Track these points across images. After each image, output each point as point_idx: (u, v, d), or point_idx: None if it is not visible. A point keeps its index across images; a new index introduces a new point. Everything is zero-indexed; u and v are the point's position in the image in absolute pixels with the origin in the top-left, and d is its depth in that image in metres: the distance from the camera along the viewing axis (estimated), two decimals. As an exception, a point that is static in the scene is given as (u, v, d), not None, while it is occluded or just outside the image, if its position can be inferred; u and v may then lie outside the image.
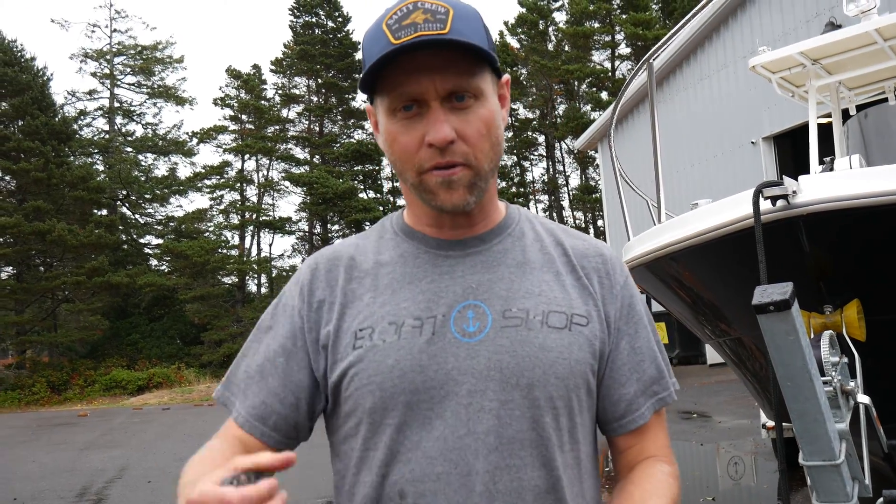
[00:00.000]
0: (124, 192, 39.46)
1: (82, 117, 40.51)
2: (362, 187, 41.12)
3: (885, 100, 6.36)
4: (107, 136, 40.87)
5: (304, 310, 1.26)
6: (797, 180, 3.21)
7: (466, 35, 1.12)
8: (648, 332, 1.32)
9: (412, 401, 1.15)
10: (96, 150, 40.19)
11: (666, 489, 1.23)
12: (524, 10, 39.55)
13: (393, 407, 1.16)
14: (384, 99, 1.17)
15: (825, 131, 6.37)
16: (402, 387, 1.15)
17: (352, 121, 43.13)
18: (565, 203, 41.68)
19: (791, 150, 16.75)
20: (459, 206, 1.18)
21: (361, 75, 1.17)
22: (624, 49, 38.44)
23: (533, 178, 43.08)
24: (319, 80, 41.87)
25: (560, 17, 39.90)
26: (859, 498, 2.55)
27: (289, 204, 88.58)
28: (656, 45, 4.69)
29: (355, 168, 41.23)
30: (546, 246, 1.31)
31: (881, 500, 2.55)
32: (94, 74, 40.89)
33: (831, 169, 4.81)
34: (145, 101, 42.19)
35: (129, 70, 41.39)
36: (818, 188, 3.20)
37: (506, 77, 1.26)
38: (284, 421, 1.24)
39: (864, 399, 2.76)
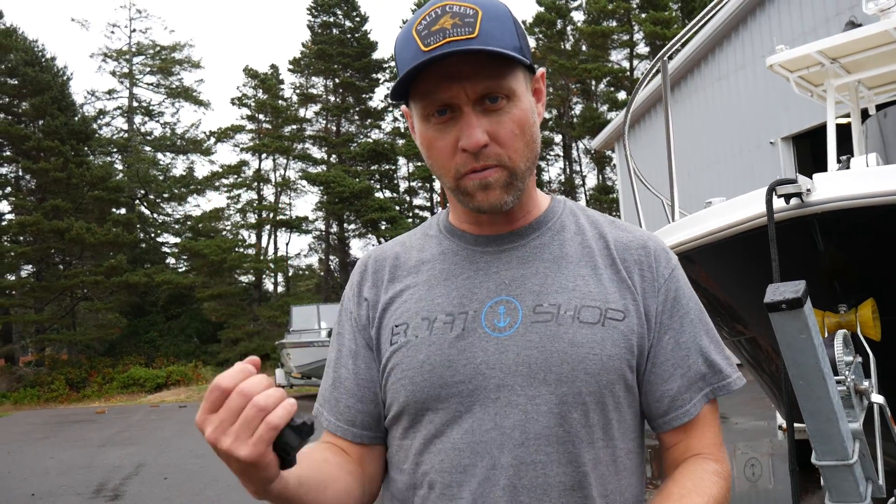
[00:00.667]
0: (142, 191, 39.76)
1: (101, 117, 40.89)
2: (378, 186, 41.20)
3: (905, 99, 6.29)
4: (125, 135, 41.21)
5: (357, 311, 1.32)
6: (812, 178, 3.18)
7: (496, 37, 1.12)
8: (696, 326, 1.27)
9: (442, 395, 1.18)
10: (115, 150, 40.52)
11: (708, 486, 1.19)
12: (542, 9, 39.47)
13: (424, 400, 1.19)
14: (417, 104, 1.19)
15: (844, 131, 6.32)
16: (432, 381, 1.19)
17: (368, 120, 43.22)
18: (582, 203, 41.48)
19: (810, 151, 16.60)
20: (497, 207, 1.19)
21: (394, 82, 1.18)
22: (642, 49, 38.27)
23: (550, 178, 42.96)
24: (337, 80, 41.99)
25: (578, 17, 39.80)
26: (873, 498, 2.53)
27: (305, 203, 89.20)
28: (671, 42, 4.67)
29: (372, 167, 41.32)
30: (587, 239, 1.29)
31: (893, 499, 2.52)
32: (113, 73, 41.30)
33: (848, 167, 4.77)
34: (164, 101, 42.54)
35: (147, 70, 41.74)
36: (832, 186, 3.17)
37: (541, 71, 1.25)
38: (370, 417, 1.28)
39: (878, 399, 2.73)
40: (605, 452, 1.19)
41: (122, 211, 37.50)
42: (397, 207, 38.96)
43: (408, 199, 41.71)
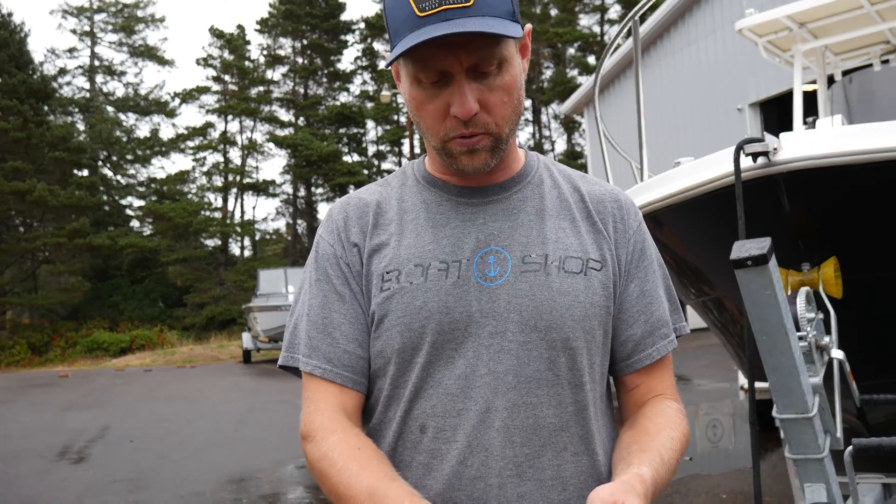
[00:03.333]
0: (105, 153, 39.09)
1: (62, 75, 40.01)
2: (347, 150, 40.91)
3: (871, 65, 6.35)
4: (87, 94, 40.36)
5: (345, 254, 1.29)
6: (779, 138, 3.21)
7: (490, 2, 1.12)
8: (657, 276, 1.37)
9: (438, 341, 1.21)
10: (77, 110, 39.74)
11: (677, 422, 1.30)
12: (512, -28, 39.07)
13: (420, 346, 1.21)
14: (408, 66, 1.19)
15: (810, 99, 6.37)
16: (430, 327, 1.21)
17: (337, 83, 42.77)
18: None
19: (776, 117, 16.76)
20: (480, 170, 1.23)
21: (391, 49, 1.18)
22: (613, 14, 38.18)
23: (519, 143, 42.85)
24: (305, 41, 41.43)
25: (548, -19, 39.50)
26: (831, 450, 2.59)
27: (273, 166, 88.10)
28: (642, 2, 4.65)
29: (340, 131, 40.98)
30: (563, 192, 1.35)
31: (850, 448, 2.59)
32: (73, 31, 40.35)
33: (813, 128, 4.82)
34: (126, 60, 41.66)
35: (110, 28, 40.82)
36: (799, 145, 3.20)
37: (528, 27, 1.26)
38: (366, 364, 1.28)
39: (838, 354, 2.79)
40: (588, 395, 1.27)
41: (85, 173, 36.87)
42: (366, 171, 38.74)
43: (376, 162, 41.48)
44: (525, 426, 1.20)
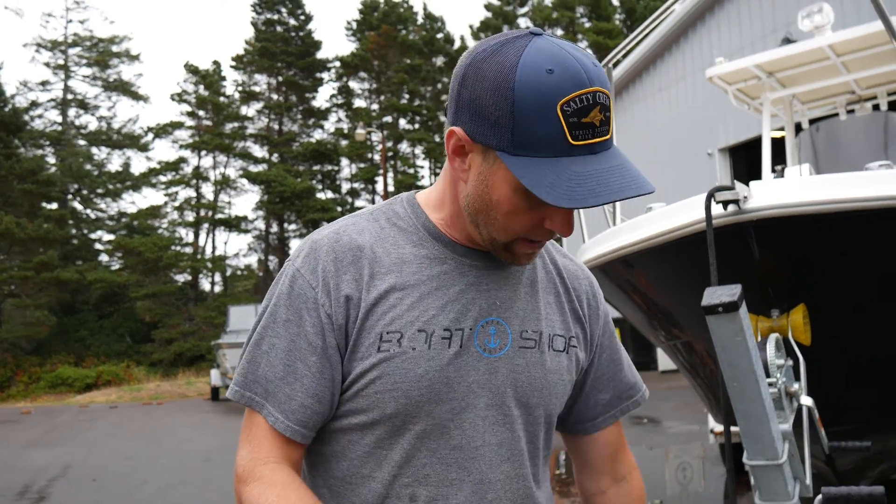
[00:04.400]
0: (76, 186, 38.70)
1: (34, 108, 39.62)
2: (321, 187, 40.90)
3: (837, 115, 6.51)
4: (59, 128, 40.04)
5: (331, 305, 1.20)
6: (748, 186, 3.27)
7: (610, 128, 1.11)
8: (619, 344, 1.47)
9: (434, 411, 1.20)
10: (48, 143, 39.33)
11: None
12: (490, 14, 39.75)
13: (415, 414, 1.19)
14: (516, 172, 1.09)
15: (778, 145, 6.51)
16: (429, 397, 1.19)
17: (311, 120, 42.90)
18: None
19: (745, 162, 17.06)
20: (522, 265, 1.26)
21: (507, 132, 1.07)
22: (585, 58, 38.77)
23: (492, 183, 43.18)
24: (280, 78, 41.59)
25: (524, 23, 40.16)
26: (800, 497, 2.60)
27: (245, 202, 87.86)
28: (616, 50, 4.75)
29: (314, 168, 41.00)
30: (546, 263, 1.37)
31: (819, 497, 2.60)
32: (47, 65, 40.07)
33: (782, 177, 4.92)
34: (100, 94, 41.43)
35: (84, 62, 40.63)
36: (768, 194, 3.26)
37: None
38: (321, 418, 1.24)
39: (807, 401, 2.82)
40: (547, 463, 1.36)
41: (54, 206, 36.44)
42: (339, 208, 38.71)
43: (350, 199, 41.49)
44: (516, 497, 1.24)
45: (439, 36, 41.85)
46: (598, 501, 1.46)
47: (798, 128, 6.79)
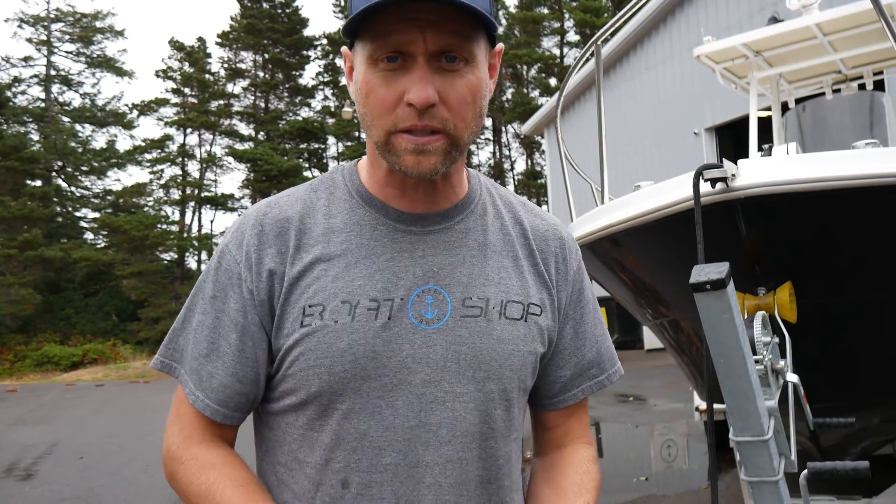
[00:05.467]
0: (60, 164, 38.35)
1: (16, 84, 39.12)
2: (307, 165, 40.74)
3: (823, 94, 6.53)
4: (42, 104, 39.59)
5: (253, 281, 1.15)
6: (736, 164, 3.28)
7: None
8: (593, 318, 1.32)
9: (362, 388, 1.11)
10: (31, 119, 38.87)
11: (591, 478, 1.28)
12: (475, -7, 39.45)
13: (341, 392, 1.11)
14: (366, 45, 1.06)
15: (765, 124, 6.52)
16: (354, 372, 1.10)
17: (298, 98, 42.63)
18: (511, 187, 41.94)
19: (732, 142, 17.11)
20: (426, 175, 1.09)
21: (346, 18, 1.07)
22: (573, 37, 38.70)
23: (479, 161, 43.17)
24: (266, 56, 41.26)
25: (510, 1, 39.96)
26: (785, 473, 2.63)
27: (231, 180, 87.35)
28: (604, 27, 4.73)
29: (301, 146, 40.81)
30: (506, 224, 1.26)
31: (805, 472, 2.63)
32: (29, 40, 39.53)
33: (769, 155, 4.93)
34: (84, 71, 40.96)
35: (67, 38, 40.10)
36: (756, 172, 3.27)
37: (499, 46, 1.16)
38: (246, 398, 1.18)
39: (792, 378, 2.84)
40: (514, 444, 1.23)
41: (38, 183, 36.11)
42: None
43: (336, 179, 41.36)
44: (457, 482, 1.14)
45: (426, 13, 41.56)
46: (536, 467, 1.34)
47: (784, 107, 6.81)
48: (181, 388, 1.20)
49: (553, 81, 37.80)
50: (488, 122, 41.76)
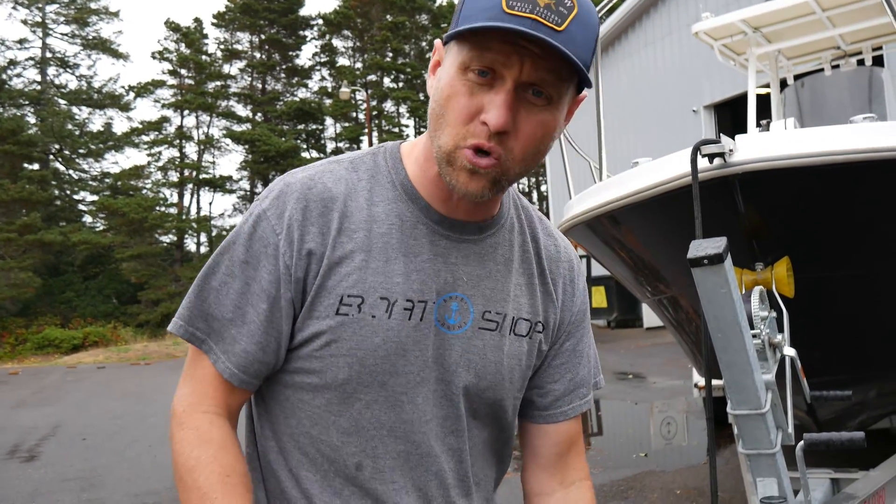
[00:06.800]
0: (57, 147, 38.23)
1: (12, 67, 38.92)
2: (305, 146, 40.65)
3: (822, 70, 6.51)
4: (38, 87, 39.42)
5: (292, 257, 1.15)
6: (734, 139, 3.28)
7: (577, 43, 1.03)
8: (590, 338, 1.40)
9: (388, 382, 1.16)
10: (27, 102, 38.70)
11: None
12: (472, -29, 39.21)
13: (368, 383, 1.16)
14: (463, 50, 1.07)
15: (764, 102, 6.51)
16: (384, 367, 1.15)
17: (295, 78, 42.45)
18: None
19: (731, 119, 17.07)
20: (472, 196, 1.11)
21: (455, 19, 1.09)
22: (570, 15, 38.51)
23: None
24: (262, 36, 41.05)
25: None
26: (782, 445, 2.66)
27: (229, 162, 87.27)
28: (601, 5, 4.72)
29: (298, 127, 40.71)
30: (526, 241, 1.31)
31: (801, 443, 2.66)
32: (24, 22, 39.29)
33: (767, 131, 4.93)
34: (79, 53, 40.73)
35: (62, 19, 39.85)
36: (754, 147, 3.28)
37: (583, 94, 1.17)
38: (265, 367, 1.19)
39: (790, 352, 2.86)
40: (507, 449, 1.34)
41: (36, 167, 36.03)
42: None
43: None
44: (458, 472, 1.24)
45: (423, -8, 41.31)
46: (540, 503, 1.38)
47: (783, 84, 6.80)
48: (197, 351, 1.20)
49: (551, 60, 37.66)
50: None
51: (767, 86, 6.87)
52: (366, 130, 37.10)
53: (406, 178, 1.22)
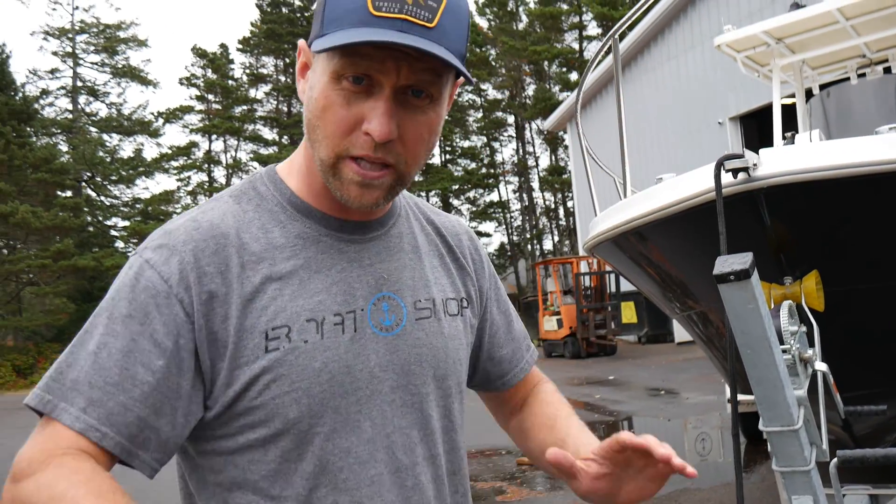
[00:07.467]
0: (89, 174, 38.85)
1: (44, 96, 39.74)
2: (331, 168, 40.93)
3: (848, 79, 6.45)
4: (70, 115, 40.17)
5: (192, 303, 1.03)
6: (758, 154, 3.26)
7: (451, 36, 1.00)
8: (506, 296, 1.43)
9: (341, 405, 1.07)
10: (59, 131, 39.47)
11: (561, 399, 1.39)
12: (493, -11, 39.42)
13: (321, 413, 1.06)
14: (334, 57, 1.01)
15: (789, 112, 6.46)
16: (332, 391, 1.06)
17: (320, 101, 42.83)
18: (535, 184, 41.82)
19: (757, 130, 16.94)
20: (366, 207, 1.08)
21: (319, 22, 1.02)
22: (592, 30, 38.53)
23: (503, 158, 43.12)
24: (287, 60, 41.51)
25: (529, -2, 39.86)
26: (817, 462, 2.62)
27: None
28: (621, 20, 4.72)
29: (324, 149, 41.01)
30: (424, 225, 1.29)
31: (835, 460, 2.61)
32: (55, 53, 40.09)
33: (792, 143, 4.89)
34: (109, 81, 41.49)
35: (92, 48, 40.63)
36: (778, 161, 3.25)
37: (459, 80, 1.12)
38: (155, 436, 1.01)
39: (821, 367, 2.82)
40: (463, 432, 1.27)
41: (68, 194, 36.64)
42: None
43: (361, 180, 41.59)
44: (433, 479, 1.16)
45: (446, 12, 41.55)
46: (516, 423, 1.40)
47: (809, 94, 6.74)
48: (55, 424, 0.99)
49: (574, 76, 37.64)
50: (511, 120, 41.68)
51: (793, 96, 6.82)
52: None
53: (293, 195, 1.15)
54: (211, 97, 40.52)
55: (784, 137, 5.59)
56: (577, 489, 1.13)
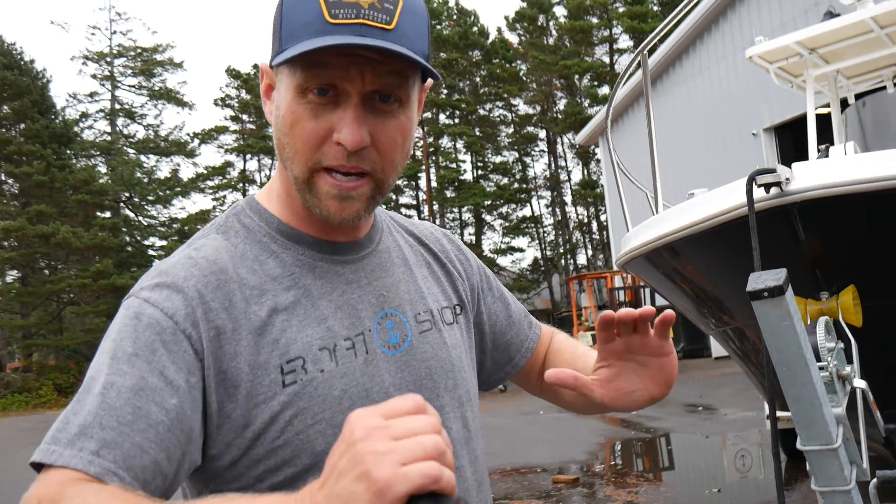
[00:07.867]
0: (127, 195, 39.55)
1: (83, 119, 40.62)
2: (364, 185, 41.17)
3: (884, 88, 6.35)
4: (108, 137, 40.95)
5: (200, 338, 0.97)
6: (791, 168, 3.22)
7: (410, 36, 0.99)
8: (497, 280, 1.42)
9: None
10: (98, 153, 40.28)
11: (583, 346, 1.41)
12: (524, 4, 39.53)
13: None
14: (296, 72, 0.99)
15: (824, 121, 6.38)
16: None
17: (353, 119, 43.18)
18: (567, 198, 41.68)
19: (792, 141, 16.74)
20: (348, 222, 1.06)
21: (277, 40, 1.01)
22: (622, 44, 38.44)
23: (535, 173, 43.06)
24: (320, 80, 42.01)
25: (559, 12, 39.90)
26: (858, 482, 2.56)
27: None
28: (650, 36, 4.70)
29: (357, 166, 41.29)
30: (405, 236, 1.28)
31: (874, 480, 2.56)
32: (94, 76, 40.99)
33: (827, 156, 4.82)
34: (146, 103, 42.27)
35: (129, 72, 41.46)
36: (811, 175, 3.21)
37: (428, 82, 1.10)
38: (163, 486, 0.92)
39: (860, 384, 2.76)
40: (480, 440, 1.23)
41: (107, 214, 37.31)
42: (384, 206, 39.01)
43: (393, 197, 41.70)
44: (462, 492, 1.12)
45: (474, 30, 41.77)
46: (542, 386, 1.41)
47: (844, 103, 6.65)
48: (66, 473, 0.87)
49: (605, 90, 37.54)
50: (542, 134, 41.63)
51: (828, 106, 6.73)
52: (423, 167, 37.44)
53: (281, 223, 1.12)
54: (245, 117, 41.06)
55: (819, 150, 5.52)
56: (596, 400, 1.15)
